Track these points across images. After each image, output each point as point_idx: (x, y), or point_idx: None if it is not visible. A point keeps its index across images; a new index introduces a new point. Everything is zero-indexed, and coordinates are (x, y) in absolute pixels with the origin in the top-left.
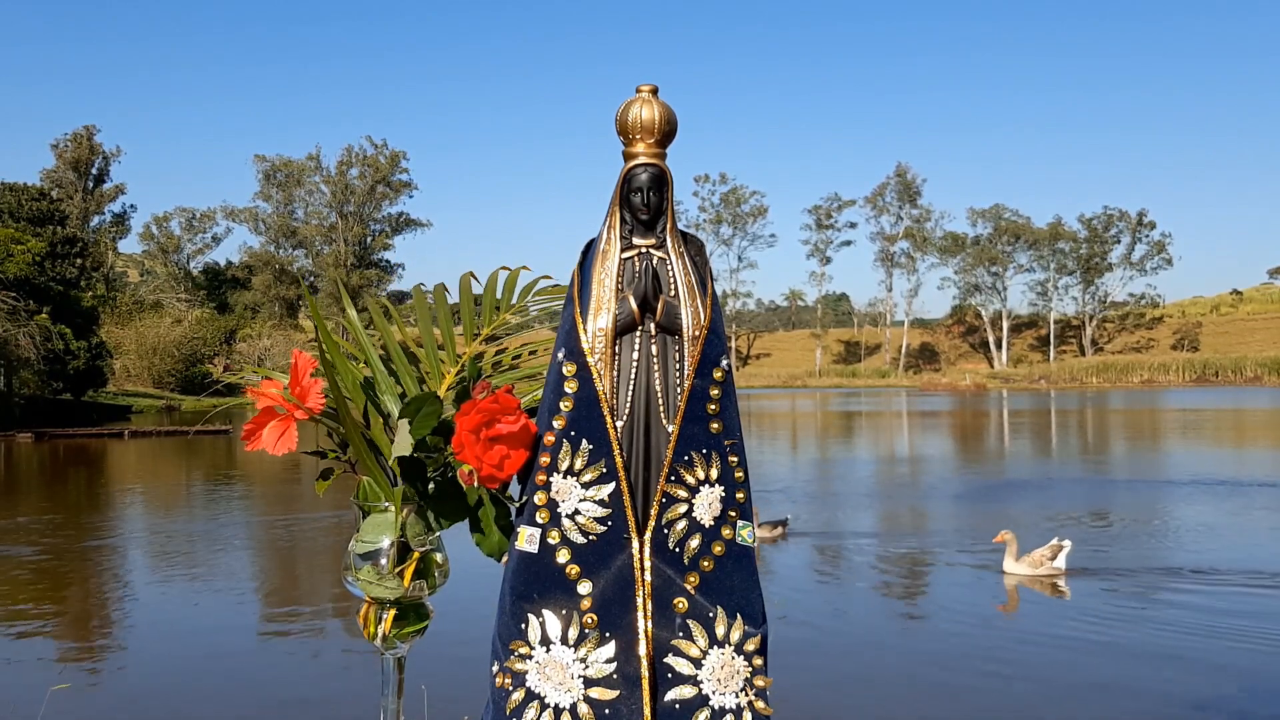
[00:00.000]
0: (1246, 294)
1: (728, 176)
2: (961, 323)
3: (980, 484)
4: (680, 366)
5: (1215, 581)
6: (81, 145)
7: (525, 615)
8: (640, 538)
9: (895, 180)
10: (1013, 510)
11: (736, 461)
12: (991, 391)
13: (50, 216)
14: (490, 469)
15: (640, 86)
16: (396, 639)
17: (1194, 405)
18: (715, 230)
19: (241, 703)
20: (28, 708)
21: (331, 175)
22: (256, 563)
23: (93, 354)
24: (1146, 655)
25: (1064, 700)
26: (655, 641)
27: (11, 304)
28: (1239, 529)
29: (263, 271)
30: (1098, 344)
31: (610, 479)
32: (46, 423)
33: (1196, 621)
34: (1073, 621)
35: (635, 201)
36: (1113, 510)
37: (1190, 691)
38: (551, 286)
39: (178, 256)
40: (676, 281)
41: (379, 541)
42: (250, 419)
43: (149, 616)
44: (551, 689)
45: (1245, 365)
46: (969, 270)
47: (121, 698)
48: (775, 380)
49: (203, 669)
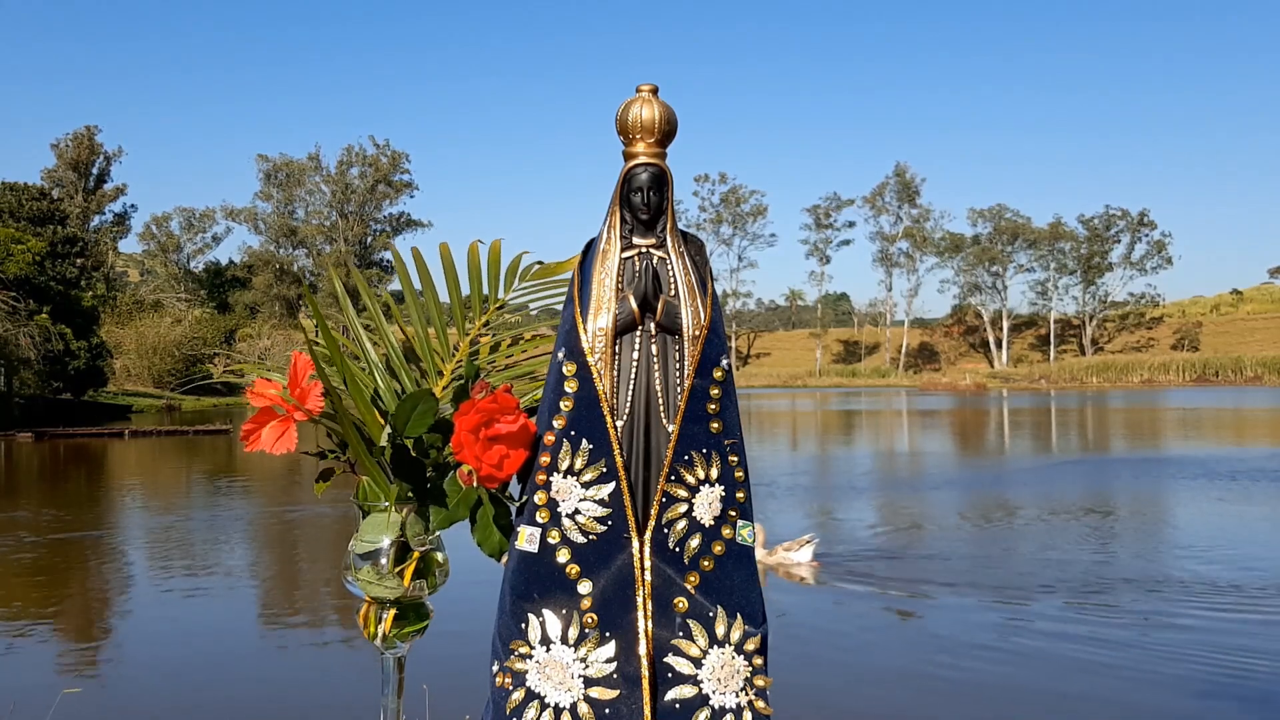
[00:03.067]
0: (1246, 294)
1: (728, 176)
2: (961, 322)
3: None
4: (680, 366)
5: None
6: (82, 145)
7: (525, 615)
8: (640, 537)
9: (895, 180)
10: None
11: (736, 461)
12: (991, 391)
13: (51, 216)
14: (489, 469)
15: (640, 86)
16: (396, 639)
17: (1193, 405)
18: (715, 230)
19: (241, 703)
20: (28, 708)
21: (332, 175)
22: (257, 562)
23: (93, 354)
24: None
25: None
26: (655, 641)
27: (12, 304)
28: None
29: (263, 271)
30: (1098, 344)
31: (610, 479)
32: (47, 422)
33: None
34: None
35: (635, 201)
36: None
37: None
38: (542, 268)
39: (178, 256)
40: (676, 281)
41: (379, 541)
42: (249, 419)
43: (149, 616)
44: (551, 688)
45: (1245, 365)
46: (969, 270)
47: (121, 698)
48: (775, 380)
49: (203, 669)
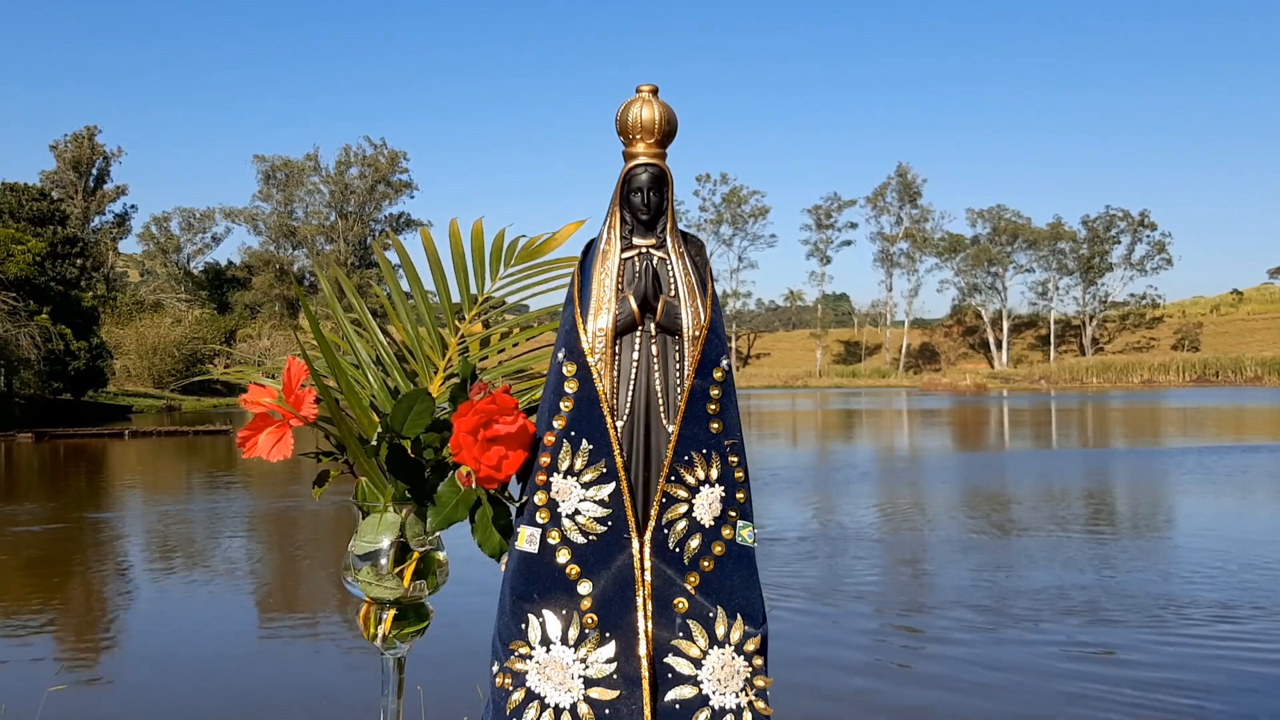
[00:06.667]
0: (1246, 294)
1: (728, 176)
2: (961, 323)
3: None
4: (680, 366)
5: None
6: (82, 146)
7: (525, 615)
8: (640, 538)
9: (896, 180)
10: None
11: (737, 461)
12: (992, 392)
13: (51, 216)
14: (488, 470)
15: (640, 86)
16: (396, 639)
17: (1192, 404)
18: (715, 230)
19: (241, 703)
20: (24, 707)
21: (330, 175)
22: (256, 561)
23: (93, 354)
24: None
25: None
26: (655, 641)
27: (12, 304)
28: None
29: (263, 271)
30: (1098, 344)
31: (610, 479)
32: (47, 423)
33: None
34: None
35: (635, 201)
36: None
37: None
38: (528, 247)
39: (178, 256)
40: (676, 281)
41: (378, 542)
42: (245, 425)
43: (148, 615)
44: (552, 689)
45: (1245, 365)
46: (968, 271)
47: (121, 697)
48: (775, 380)
49: (201, 669)
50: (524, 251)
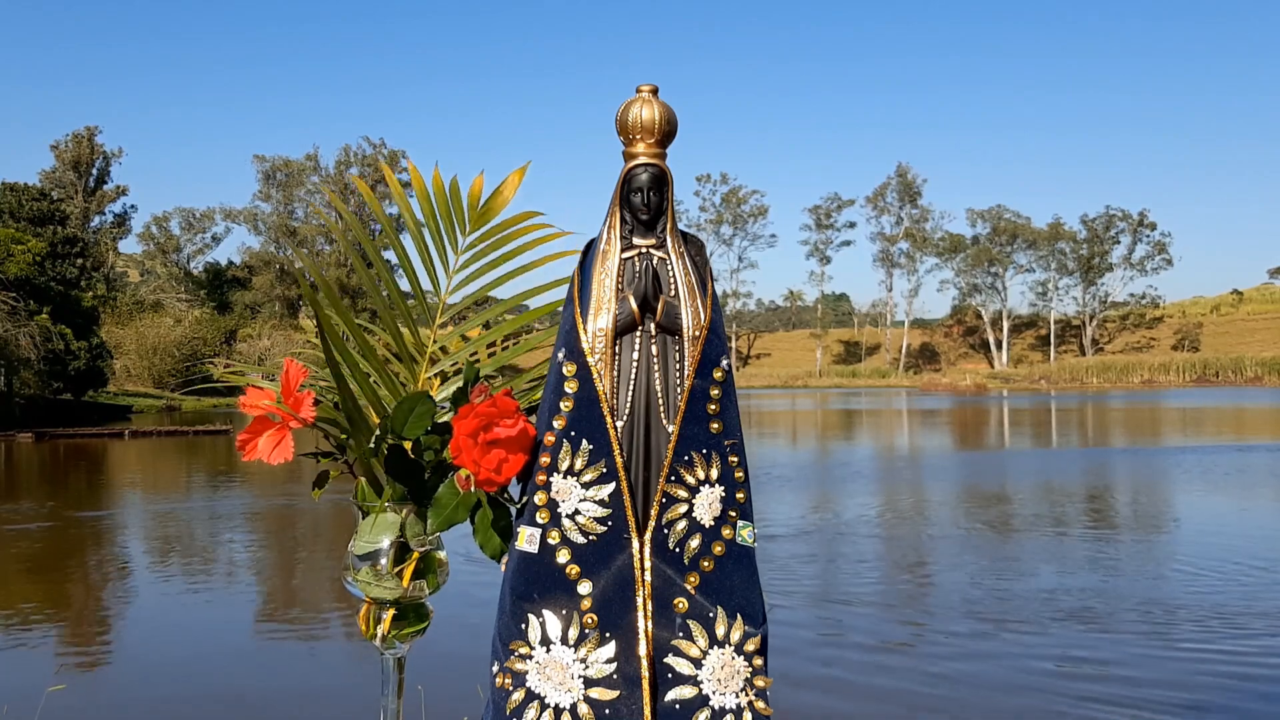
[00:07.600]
0: (1247, 294)
1: (728, 176)
2: (961, 323)
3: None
4: (680, 366)
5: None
6: (82, 146)
7: (525, 615)
8: (640, 538)
9: (896, 180)
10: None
11: (737, 461)
12: (992, 392)
13: (51, 216)
14: (488, 473)
15: (640, 86)
16: (396, 639)
17: (1192, 404)
18: (715, 230)
19: (240, 703)
20: (24, 707)
21: (330, 175)
22: (256, 561)
23: (93, 354)
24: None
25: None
26: (655, 641)
27: (12, 304)
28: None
29: (263, 271)
30: (1098, 344)
31: (610, 479)
32: (47, 423)
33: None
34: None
35: (635, 201)
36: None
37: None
38: (485, 205)
39: (178, 256)
40: (677, 281)
41: (378, 542)
42: (244, 428)
43: (148, 615)
44: (552, 689)
45: (1245, 365)
46: (968, 271)
47: (121, 697)
48: (775, 380)
49: (202, 668)
50: (477, 212)
